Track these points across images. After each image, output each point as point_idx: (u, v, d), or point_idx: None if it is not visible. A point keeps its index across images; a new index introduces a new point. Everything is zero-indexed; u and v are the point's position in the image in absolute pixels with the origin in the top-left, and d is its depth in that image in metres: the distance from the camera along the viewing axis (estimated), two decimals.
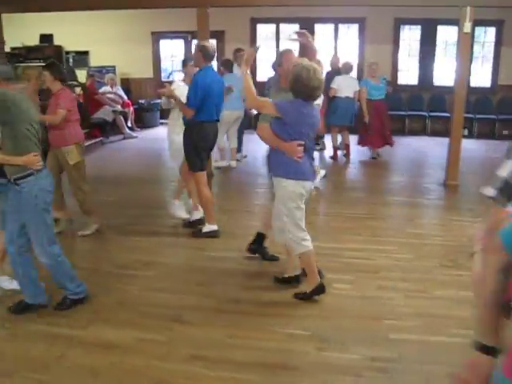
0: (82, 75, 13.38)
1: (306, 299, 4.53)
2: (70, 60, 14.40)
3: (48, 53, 14.17)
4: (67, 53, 14.42)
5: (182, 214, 6.45)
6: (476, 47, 12.82)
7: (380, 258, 5.43)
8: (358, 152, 10.28)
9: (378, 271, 5.13)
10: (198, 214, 6.28)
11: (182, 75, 6.87)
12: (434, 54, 13.09)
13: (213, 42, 13.20)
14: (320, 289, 4.54)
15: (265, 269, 5.18)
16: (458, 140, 8.14)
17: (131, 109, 13.14)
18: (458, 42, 7.89)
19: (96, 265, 5.29)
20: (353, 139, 10.15)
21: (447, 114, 12.55)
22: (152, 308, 4.42)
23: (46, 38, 14.27)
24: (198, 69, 5.83)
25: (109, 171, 9.43)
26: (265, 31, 13.75)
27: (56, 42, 14.35)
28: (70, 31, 13.65)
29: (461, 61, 7.89)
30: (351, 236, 6.03)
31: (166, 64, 14.44)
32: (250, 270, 5.15)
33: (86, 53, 14.25)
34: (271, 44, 13.54)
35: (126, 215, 6.70)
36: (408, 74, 13.38)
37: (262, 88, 11.85)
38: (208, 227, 5.98)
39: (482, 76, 12.98)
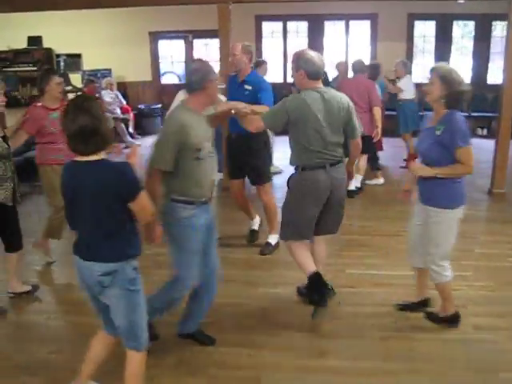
0: (75, 80, 12.51)
1: (436, 323, 4.16)
2: (61, 63, 13.49)
3: (37, 56, 13.30)
4: (58, 56, 13.51)
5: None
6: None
7: (460, 286, 4.70)
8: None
9: (465, 305, 4.43)
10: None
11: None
12: (450, 51, 12.45)
13: (214, 42, 12.81)
14: (455, 319, 4.15)
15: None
16: (506, 143, 7.47)
17: (131, 114, 12.28)
18: (507, 39, 7.18)
19: None
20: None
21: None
22: None
23: (35, 41, 13.33)
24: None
25: None
26: (270, 29, 12.97)
27: (45, 44, 13.43)
28: (61, 32, 12.74)
29: (510, 58, 7.16)
30: None
31: (165, 66, 13.58)
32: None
33: (78, 55, 13.32)
34: (278, 42, 12.80)
35: None
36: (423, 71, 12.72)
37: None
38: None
39: None
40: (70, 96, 11.97)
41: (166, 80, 13.56)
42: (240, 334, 4.09)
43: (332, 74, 9.80)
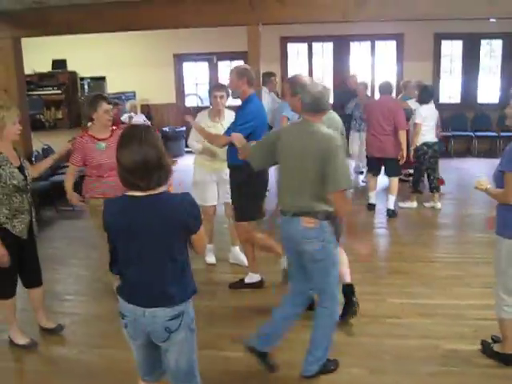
0: None
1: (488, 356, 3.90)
2: (86, 87, 13.57)
3: (62, 79, 13.44)
4: (82, 79, 13.64)
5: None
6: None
7: None
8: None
9: None
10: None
11: None
12: (478, 70, 12.26)
13: (240, 63, 12.75)
14: (508, 359, 3.80)
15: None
16: None
17: None
18: None
19: None
20: None
21: (494, 134, 11.85)
22: None
23: (59, 64, 13.50)
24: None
25: None
26: (296, 50, 12.89)
27: (70, 67, 13.57)
28: (85, 56, 12.83)
29: None
30: (460, 288, 5.14)
31: (189, 88, 13.53)
32: None
33: (102, 78, 13.42)
34: (303, 63, 12.72)
35: None
36: (450, 91, 12.55)
37: None
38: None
39: None
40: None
41: (188, 102, 13.49)
42: (286, 370, 3.87)
43: None
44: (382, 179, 8.19)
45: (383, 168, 7.73)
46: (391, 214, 7.46)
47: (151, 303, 2.63)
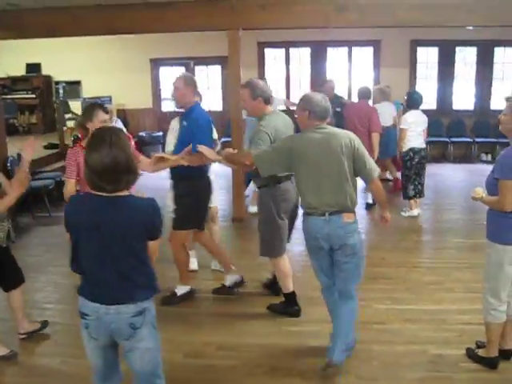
0: (74, 107, 12.36)
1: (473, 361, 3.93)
2: (60, 91, 13.30)
3: (36, 83, 13.23)
4: (57, 83, 13.37)
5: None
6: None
7: None
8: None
9: None
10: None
11: None
12: (453, 77, 12.41)
13: (217, 68, 12.73)
14: (492, 363, 3.83)
15: None
16: None
17: (132, 142, 12.06)
18: None
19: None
20: None
21: (469, 139, 12.00)
22: None
23: (33, 68, 13.28)
24: None
25: None
26: (273, 55, 12.89)
27: (44, 71, 13.37)
28: (60, 59, 12.66)
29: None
30: (444, 293, 5.17)
31: (166, 93, 13.44)
32: None
33: (77, 83, 13.22)
34: (281, 68, 12.74)
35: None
36: (426, 97, 12.65)
37: None
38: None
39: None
40: (69, 124, 11.84)
41: (165, 107, 13.40)
42: (270, 377, 3.85)
43: None
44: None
45: None
46: (369, 207, 8.10)
47: (114, 300, 2.64)
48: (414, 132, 7.39)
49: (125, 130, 11.22)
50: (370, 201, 8.02)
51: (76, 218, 2.66)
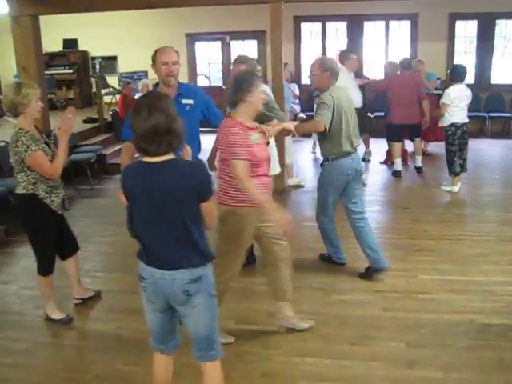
0: (111, 82, 12.50)
1: None
2: (97, 66, 13.52)
3: (73, 59, 13.38)
4: (93, 58, 13.62)
5: None
6: None
7: None
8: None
9: None
10: None
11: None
12: (492, 51, 12.18)
13: (253, 43, 12.71)
14: None
15: None
16: None
17: None
18: None
19: None
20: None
21: (508, 114, 11.83)
22: None
23: (70, 43, 13.43)
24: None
25: None
26: (309, 29, 12.81)
27: (81, 47, 13.53)
28: (96, 35, 12.82)
29: None
30: (488, 265, 5.17)
31: (201, 68, 13.47)
32: None
33: (113, 58, 13.40)
34: (317, 43, 12.66)
35: None
36: None
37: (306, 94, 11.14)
38: None
39: None
40: (107, 98, 11.98)
41: (200, 82, 13.44)
42: (323, 343, 3.93)
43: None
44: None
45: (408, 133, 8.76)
46: (420, 170, 8.70)
47: (169, 265, 2.69)
48: (457, 107, 7.29)
49: None
50: (399, 168, 8.58)
51: (129, 185, 2.74)
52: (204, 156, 4.09)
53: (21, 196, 4.12)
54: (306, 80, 11.69)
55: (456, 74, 7.41)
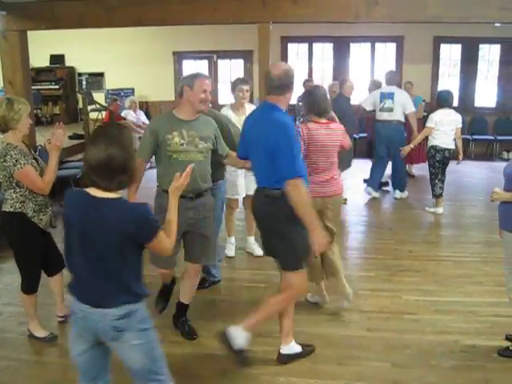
0: (98, 98, 12.48)
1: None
2: (84, 82, 13.52)
3: (59, 75, 13.37)
4: (80, 74, 13.60)
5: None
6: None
7: None
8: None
9: None
10: None
11: None
12: (476, 74, 12.39)
13: (239, 62, 12.78)
14: None
15: None
16: None
17: None
18: None
19: None
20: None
21: (491, 137, 11.99)
22: None
23: (57, 59, 13.44)
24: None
25: None
26: (296, 50, 12.95)
27: (68, 63, 13.53)
28: (83, 51, 12.82)
29: None
30: (473, 286, 5.22)
31: None
32: None
33: (100, 74, 13.43)
34: (303, 63, 12.80)
35: None
36: None
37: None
38: None
39: None
40: (92, 115, 11.95)
41: None
42: (309, 363, 3.92)
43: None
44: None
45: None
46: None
47: (98, 302, 2.58)
48: (439, 131, 7.39)
49: (147, 121, 11.40)
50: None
51: (68, 212, 2.64)
52: None
53: (8, 214, 4.04)
54: (292, 100, 11.76)
55: (441, 100, 7.52)
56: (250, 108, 5.53)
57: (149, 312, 2.73)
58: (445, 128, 7.38)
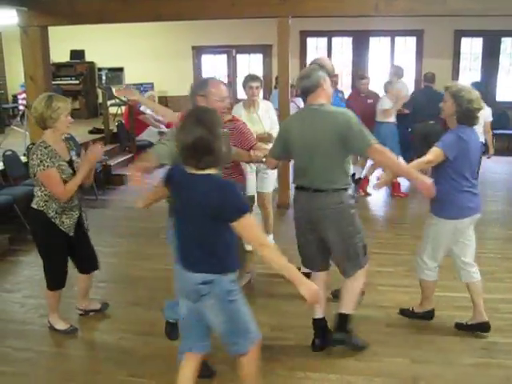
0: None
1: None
2: (103, 77, 13.60)
3: (80, 70, 13.46)
4: (100, 69, 13.69)
5: None
6: None
7: None
8: None
9: None
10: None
11: None
12: (497, 68, 12.24)
13: (258, 57, 12.78)
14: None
15: None
16: None
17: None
18: None
19: None
20: None
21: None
22: None
23: (77, 54, 13.53)
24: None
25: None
26: (315, 44, 12.89)
27: (88, 58, 13.63)
28: (103, 46, 12.94)
29: None
30: (493, 283, 5.13)
31: None
32: None
33: (120, 69, 13.49)
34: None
35: None
36: None
37: None
38: None
39: None
40: (112, 109, 12.01)
41: None
42: (327, 358, 3.92)
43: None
44: None
45: None
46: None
47: (188, 267, 2.84)
48: None
49: None
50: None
51: (174, 181, 2.88)
52: None
53: (33, 210, 4.08)
54: None
55: None
56: (264, 105, 5.53)
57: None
58: None
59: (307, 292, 2.72)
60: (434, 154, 3.86)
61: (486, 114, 7.42)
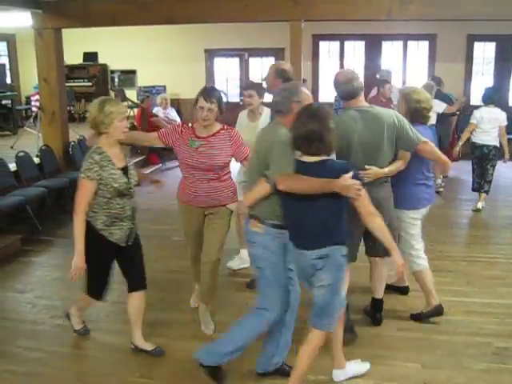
0: (130, 95, 12.61)
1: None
2: (116, 79, 13.69)
3: (92, 72, 13.54)
4: (112, 72, 13.76)
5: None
6: None
7: None
8: None
9: None
10: None
11: None
12: (510, 73, 12.18)
13: (271, 60, 12.78)
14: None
15: None
16: None
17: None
18: None
19: None
20: None
21: None
22: None
23: (90, 56, 13.61)
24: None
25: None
26: (327, 48, 12.89)
27: (101, 60, 13.69)
28: (116, 49, 12.99)
29: None
30: (505, 288, 5.14)
31: (219, 84, 13.58)
32: None
33: (132, 72, 13.55)
34: (335, 62, 12.72)
35: None
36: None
37: None
38: None
39: None
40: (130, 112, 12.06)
41: None
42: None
43: None
44: None
45: None
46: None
47: (305, 245, 3.17)
48: (478, 128, 7.52)
49: (178, 119, 11.48)
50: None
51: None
52: None
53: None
54: (323, 98, 11.75)
55: (484, 97, 7.71)
56: (266, 113, 4.98)
57: None
58: (485, 126, 7.47)
59: (399, 260, 3.20)
60: (402, 154, 4.10)
61: (500, 118, 7.43)
